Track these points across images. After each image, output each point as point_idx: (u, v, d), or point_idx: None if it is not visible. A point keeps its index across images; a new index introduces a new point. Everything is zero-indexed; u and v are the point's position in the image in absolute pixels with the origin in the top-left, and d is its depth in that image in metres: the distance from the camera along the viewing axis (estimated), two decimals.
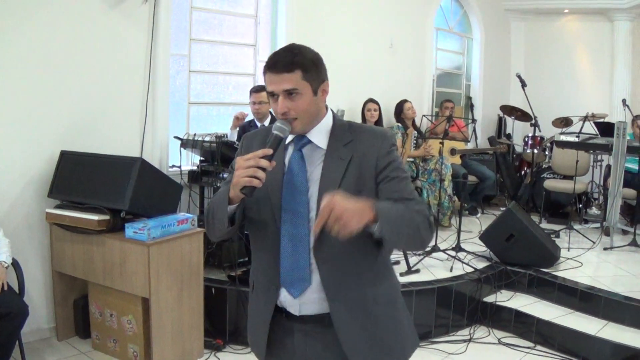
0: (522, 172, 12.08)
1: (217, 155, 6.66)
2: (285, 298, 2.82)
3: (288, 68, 2.63)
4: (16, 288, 5.42)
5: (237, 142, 6.86)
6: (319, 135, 2.79)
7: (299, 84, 2.64)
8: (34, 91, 6.02)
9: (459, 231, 7.91)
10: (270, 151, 2.58)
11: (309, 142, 2.78)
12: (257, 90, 7.27)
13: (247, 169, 2.52)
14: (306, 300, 2.78)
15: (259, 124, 7.28)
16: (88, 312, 6.12)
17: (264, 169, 2.54)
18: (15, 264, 5.50)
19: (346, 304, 2.74)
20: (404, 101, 9.98)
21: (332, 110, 2.90)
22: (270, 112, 7.17)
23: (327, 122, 2.82)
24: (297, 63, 2.64)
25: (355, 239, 2.49)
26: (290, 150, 2.82)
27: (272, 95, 2.70)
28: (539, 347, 6.52)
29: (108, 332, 5.92)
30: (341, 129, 2.82)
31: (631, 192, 9.16)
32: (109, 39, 6.60)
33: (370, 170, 2.72)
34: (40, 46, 6.04)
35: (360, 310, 2.75)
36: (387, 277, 2.90)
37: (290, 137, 2.83)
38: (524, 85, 10.69)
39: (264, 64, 2.71)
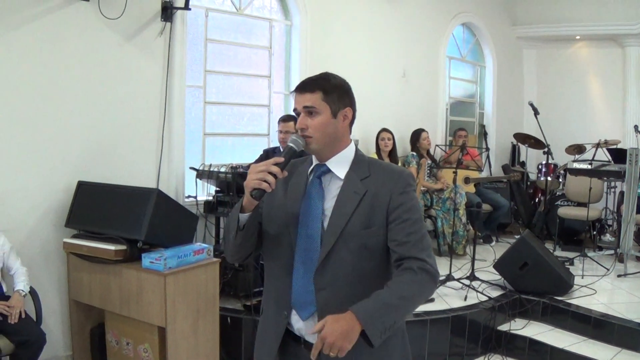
0: (536, 200, 12.05)
1: (233, 186, 6.70)
2: (294, 322, 2.88)
3: (311, 88, 2.80)
4: (34, 316, 5.49)
5: None
6: (339, 165, 2.87)
7: (318, 104, 2.78)
8: (51, 122, 6.10)
9: (473, 260, 7.89)
10: (281, 159, 2.70)
11: (329, 171, 2.86)
12: (284, 119, 7.32)
13: (258, 173, 2.63)
14: (309, 330, 2.82)
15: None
16: (105, 340, 6.13)
17: (275, 175, 2.64)
18: (32, 293, 5.58)
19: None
20: (421, 130, 10.02)
21: (355, 145, 2.97)
22: None
23: (348, 153, 2.90)
24: (319, 85, 2.81)
25: (356, 269, 2.66)
26: (311, 177, 2.91)
27: (296, 113, 2.85)
28: None
29: None
30: (361, 163, 2.89)
31: None
32: (126, 71, 6.67)
33: (382, 208, 2.77)
34: (58, 78, 6.12)
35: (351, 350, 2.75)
36: None
37: (311, 165, 2.93)
38: (536, 113, 10.73)
39: (278, 94, 2.83)
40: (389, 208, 2.76)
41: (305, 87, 2.83)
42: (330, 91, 2.81)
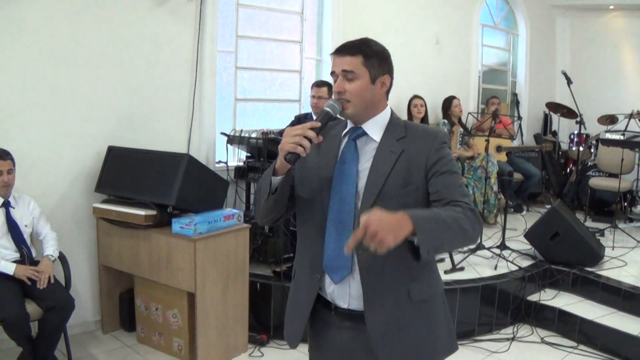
0: (568, 170, 12.00)
1: (264, 152, 6.70)
2: (327, 286, 2.89)
3: (351, 52, 2.76)
4: (63, 281, 5.51)
5: None
6: (375, 128, 2.85)
7: (358, 68, 2.75)
8: (81, 88, 6.11)
9: (503, 229, 7.88)
10: (318, 124, 2.68)
11: (364, 133, 2.85)
12: (318, 85, 7.30)
13: (293, 136, 2.61)
14: (342, 293, 2.84)
15: (315, 118, 7.31)
16: (133, 305, 6.18)
17: (310, 140, 2.62)
18: (62, 258, 5.60)
19: (381, 301, 2.77)
20: (452, 97, 9.95)
21: (391, 109, 2.95)
22: None
23: (384, 116, 2.88)
24: (360, 49, 2.77)
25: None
26: (345, 140, 2.89)
27: (334, 75, 2.81)
28: (581, 346, 6.49)
29: (153, 325, 5.98)
30: (396, 125, 2.87)
31: None
32: (156, 37, 6.66)
33: (420, 166, 2.74)
34: (89, 44, 6.12)
35: (393, 310, 2.78)
36: (427, 275, 2.90)
37: (346, 128, 2.91)
38: (569, 82, 10.63)
39: (309, 60, 2.80)
40: (427, 164, 2.74)
41: (346, 50, 2.79)
42: (370, 56, 2.77)
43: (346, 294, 2.83)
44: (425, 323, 2.86)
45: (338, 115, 2.79)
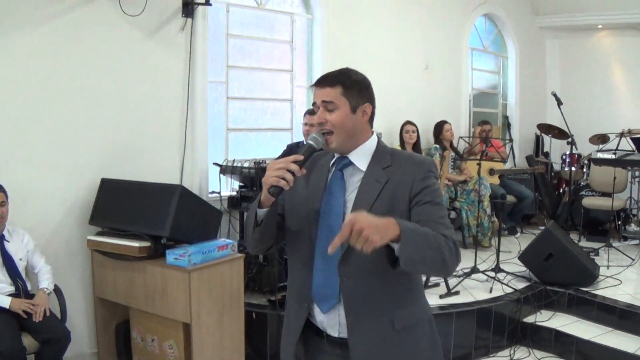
0: (561, 190, 12.01)
1: (256, 181, 6.70)
2: (316, 315, 2.91)
3: (330, 83, 2.81)
4: (58, 314, 5.52)
5: None
6: (361, 157, 2.87)
7: (337, 99, 2.79)
8: (74, 119, 6.13)
9: (498, 252, 7.89)
10: (300, 157, 2.70)
11: (350, 163, 2.87)
12: (311, 112, 7.25)
13: (276, 170, 2.63)
14: (332, 322, 2.85)
15: None
16: (130, 337, 6.16)
17: (293, 173, 2.64)
18: (57, 290, 5.61)
19: (364, 329, 2.78)
20: (444, 122, 9.97)
21: (377, 137, 2.97)
22: None
23: (370, 145, 2.91)
24: (339, 80, 2.81)
25: (381, 258, 2.57)
26: (333, 170, 2.91)
27: (315, 106, 2.88)
28: None
29: (150, 357, 5.96)
30: (383, 153, 2.89)
31: None
32: (147, 68, 6.69)
33: (404, 195, 2.76)
34: (80, 76, 6.14)
35: (377, 338, 2.79)
36: (411, 303, 2.90)
37: (334, 158, 2.94)
38: (559, 103, 10.66)
39: (300, 88, 2.85)
40: (411, 193, 2.75)
41: (325, 81, 2.83)
42: (350, 86, 2.81)
43: (336, 323, 2.84)
44: (410, 351, 2.86)
45: (322, 148, 2.82)
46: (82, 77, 6.15)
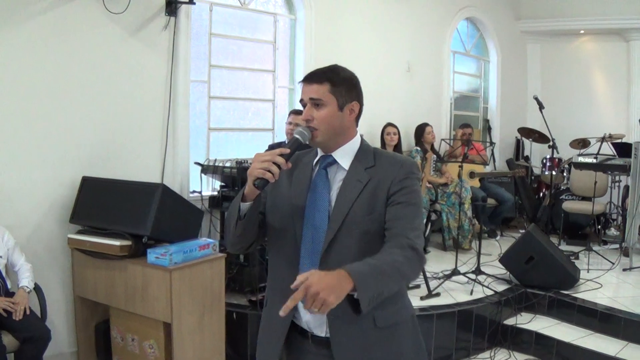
0: (541, 194, 12.04)
1: (238, 181, 6.69)
2: (302, 315, 2.90)
3: (319, 80, 2.80)
4: (38, 312, 5.49)
5: None
6: (344, 156, 2.88)
7: (325, 96, 2.78)
8: (55, 117, 6.09)
9: (478, 254, 7.88)
10: (287, 150, 2.70)
11: (334, 162, 2.87)
12: (296, 112, 7.33)
13: (262, 162, 2.62)
14: (319, 322, 2.85)
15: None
16: (110, 336, 6.11)
17: (279, 166, 2.63)
18: (37, 289, 5.58)
19: (345, 328, 2.78)
20: (425, 125, 10.00)
21: (361, 136, 2.98)
22: None
23: (353, 144, 2.91)
24: (327, 77, 2.80)
25: (361, 256, 2.58)
26: (317, 169, 2.91)
27: (302, 103, 2.85)
28: None
29: (130, 356, 5.93)
30: (366, 153, 2.90)
31: None
32: (130, 66, 6.66)
33: (383, 194, 2.77)
34: (62, 73, 6.11)
35: (359, 336, 2.79)
36: (393, 302, 2.88)
37: (317, 157, 2.94)
38: (541, 107, 10.69)
39: (282, 89, 2.83)
40: (389, 192, 2.77)
41: (313, 78, 2.82)
42: (338, 84, 2.80)
43: (323, 322, 2.83)
44: (392, 349, 2.86)
45: (308, 142, 2.81)
46: (63, 75, 6.13)
